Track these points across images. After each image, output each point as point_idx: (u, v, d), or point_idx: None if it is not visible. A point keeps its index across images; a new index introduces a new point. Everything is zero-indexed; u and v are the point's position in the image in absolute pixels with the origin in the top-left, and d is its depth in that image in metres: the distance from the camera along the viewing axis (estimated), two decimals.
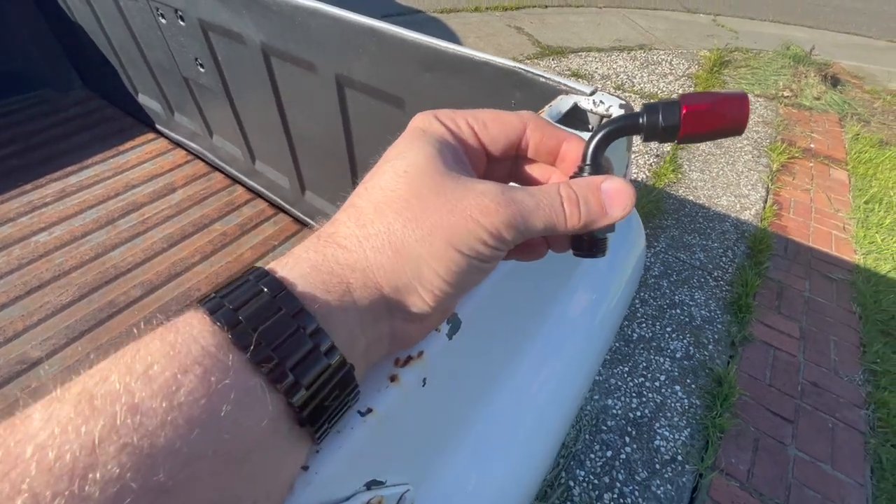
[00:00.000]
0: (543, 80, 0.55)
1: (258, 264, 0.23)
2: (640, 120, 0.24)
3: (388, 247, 0.23)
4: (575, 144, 0.27)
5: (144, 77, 1.39)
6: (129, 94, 1.55)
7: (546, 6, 5.21)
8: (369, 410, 0.25)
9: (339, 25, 0.72)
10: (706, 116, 0.23)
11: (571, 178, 0.26)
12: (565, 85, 0.54)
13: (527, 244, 0.28)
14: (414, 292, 0.23)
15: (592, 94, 0.52)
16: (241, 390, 0.18)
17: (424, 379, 0.28)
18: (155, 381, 0.17)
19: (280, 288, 0.21)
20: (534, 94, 0.57)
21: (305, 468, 0.23)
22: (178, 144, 1.52)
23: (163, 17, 1.08)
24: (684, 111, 0.23)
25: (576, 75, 3.73)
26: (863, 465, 1.53)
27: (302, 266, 0.22)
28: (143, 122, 1.60)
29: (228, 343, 0.19)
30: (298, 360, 0.20)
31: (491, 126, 0.27)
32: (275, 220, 1.29)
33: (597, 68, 3.91)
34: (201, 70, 1.13)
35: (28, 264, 1.12)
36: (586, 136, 0.27)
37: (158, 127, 1.57)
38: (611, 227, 0.25)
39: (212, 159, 1.43)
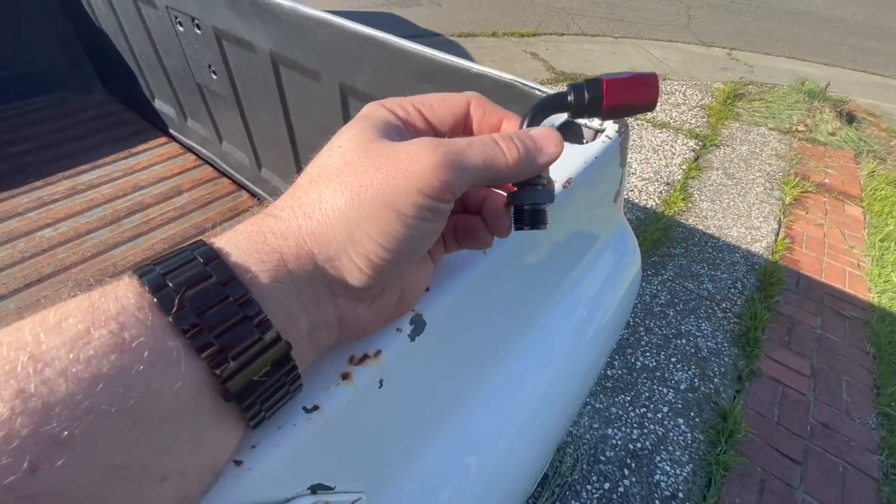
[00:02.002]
0: (540, 92, 0.55)
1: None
2: (569, 97, 0.26)
3: (319, 212, 0.22)
4: (514, 122, 0.28)
5: (161, 82, 1.43)
6: (146, 98, 1.60)
7: (562, 34, 5.32)
8: (315, 408, 0.23)
9: (344, 35, 0.74)
10: (624, 89, 0.25)
11: None
12: None
13: (467, 229, 0.28)
14: (348, 259, 0.22)
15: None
16: (157, 352, 0.18)
17: (381, 381, 0.26)
18: (65, 333, 0.17)
19: (213, 256, 0.20)
20: (530, 107, 0.57)
21: (238, 463, 0.21)
22: (189, 149, 1.56)
23: (180, 24, 1.12)
24: (605, 85, 0.25)
25: None
26: None
27: (238, 237, 0.22)
28: (158, 127, 1.64)
29: (151, 304, 0.19)
30: (225, 328, 0.19)
31: (437, 106, 0.27)
32: None
33: None
34: (214, 77, 1.16)
35: (31, 258, 1.13)
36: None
37: (171, 132, 1.60)
38: (549, 196, 0.26)
39: (220, 165, 1.45)
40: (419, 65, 0.67)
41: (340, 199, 0.22)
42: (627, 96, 0.26)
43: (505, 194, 0.28)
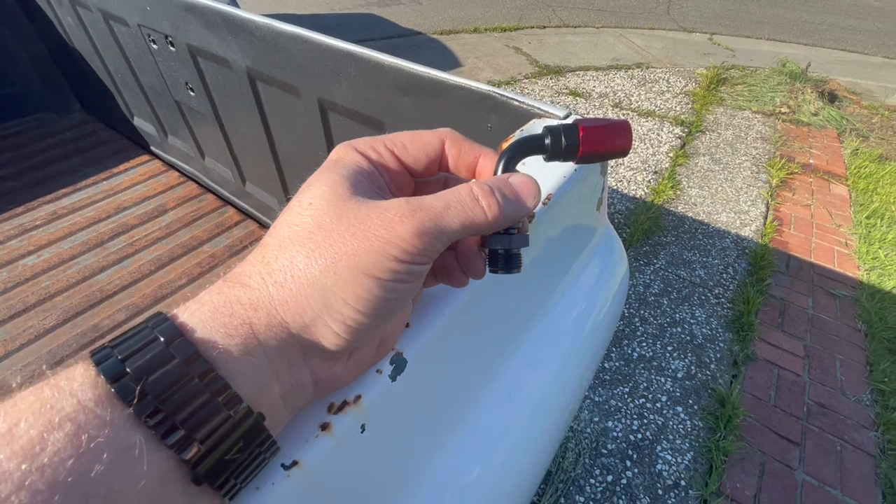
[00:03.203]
0: (517, 103, 0.55)
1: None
2: (546, 141, 0.27)
3: (291, 280, 0.21)
4: (490, 158, 0.27)
5: (139, 100, 1.41)
6: (125, 117, 1.57)
7: (544, 27, 5.31)
8: (294, 463, 0.23)
9: (320, 50, 0.73)
10: (599, 137, 0.26)
11: None
12: (539, 108, 0.53)
13: (442, 268, 0.28)
14: (324, 326, 0.22)
15: (566, 117, 0.52)
16: (118, 448, 0.17)
17: (363, 425, 0.26)
18: (18, 441, 0.16)
19: (176, 334, 0.19)
20: (508, 118, 0.56)
21: None
22: (171, 166, 1.53)
23: (154, 42, 1.10)
24: (581, 132, 0.26)
25: (574, 94, 3.76)
26: (874, 490, 1.46)
27: (203, 310, 0.21)
28: (139, 145, 1.62)
29: (110, 396, 0.18)
30: (191, 411, 0.18)
31: (410, 146, 0.27)
32: None
33: (594, 87, 3.95)
34: (191, 94, 1.14)
35: (14, 288, 1.12)
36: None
37: (153, 149, 1.58)
38: (524, 241, 0.26)
39: (204, 181, 1.43)
40: (397, 78, 0.66)
41: (314, 266, 0.21)
42: (602, 145, 0.26)
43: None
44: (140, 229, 1.30)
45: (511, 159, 0.26)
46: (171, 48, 1.06)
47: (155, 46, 1.11)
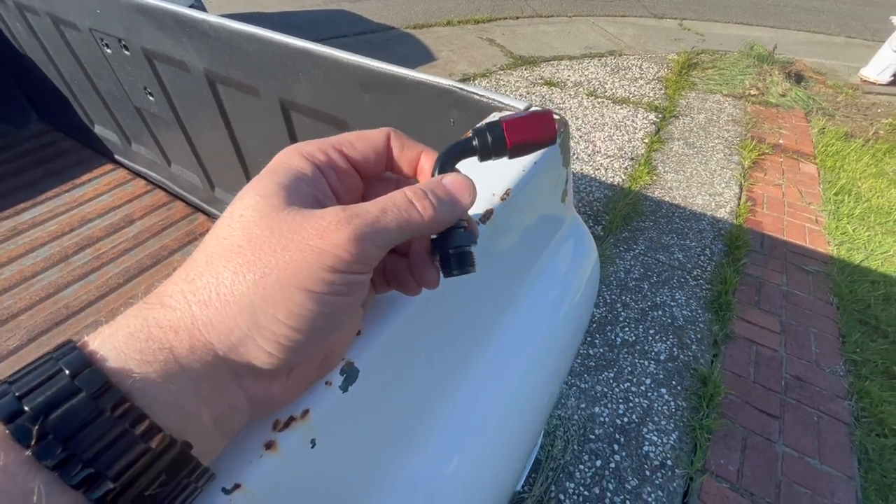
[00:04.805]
0: (478, 97, 0.54)
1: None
2: (473, 142, 0.27)
3: (217, 299, 0.20)
4: (431, 156, 0.28)
5: (98, 107, 1.36)
6: (85, 125, 1.51)
7: (517, 17, 5.30)
8: (237, 486, 0.22)
9: (276, 49, 0.71)
10: (523, 129, 0.27)
11: None
12: (499, 102, 0.52)
13: (395, 277, 0.27)
14: (254, 345, 0.20)
15: (526, 109, 0.51)
16: (13, 497, 0.15)
17: (313, 440, 0.25)
18: None
19: (84, 365, 0.18)
20: (470, 112, 0.55)
21: None
22: (137, 174, 1.49)
23: (107, 46, 1.06)
24: (504, 126, 0.26)
25: (549, 84, 3.77)
26: (850, 458, 1.52)
27: (117, 336, 0.19)
28: (101, 154, 1.56)
29: (4, 439, 0.16)
30: (101, 448, 0.17)
31: (357, 143, 0.27)
32: None
33: (569, 76, 3.96)
34: (151, 99, 1.10)
35: None
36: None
37: (117, 157, 1.53)
38: (472, 238, 0.26)
39: (172, 188, 1.39)
40: (356, 75, 0.64)
41: (241, 282, 0.20)
42: (527, 134, 0.27)
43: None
44: (106, 241, 1.25)
45: (445, 164, 0.27)
46: (126, 52, 1.02)
47: (109, 51, 1.07)
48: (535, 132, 0.27)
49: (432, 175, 0.27)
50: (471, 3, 5.64)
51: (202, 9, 1.11)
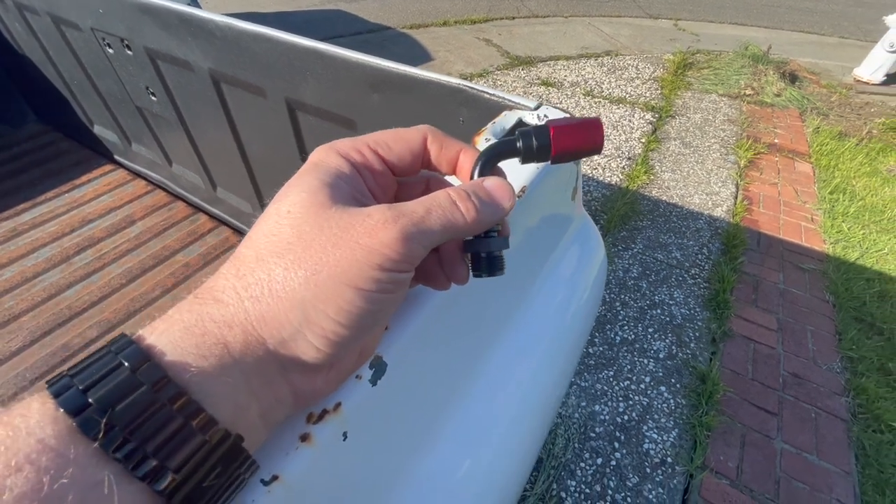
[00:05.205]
0: (488, 96, 0.54)
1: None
2: (518, 144, 0.27)
3: (269, 295, 0.20)
4: (471, 154, 0.27)
5: (98, 108, 1.35)
6: (84, 125, 1.51)
7: (514, 17, 5.32)
8: (274, 478, 0.22)
9: (284, 49, 0.71)
10: (570, 135, 0.26)
11: None
12: (510, 101, 0.53)
13: (425, 273, 0.28)
14: (303, 341, 0.21)
15: (537, 108, 0.52)
16: (85, 488, 0.16)
17: (345, 433, 0.25)
18: None
19: (143, 359, 0.18)
20: (480, 111, 0.56)
21: None
22: (137, 175, 1.48)
23: (109, 46, 1.05)
24: (552, 132, 0.26)
25: (546, 84, 3.79)
26: (847, 453, 1.54)
27: (173, 330, 0.20)
28: (101, 154, 1.55)
29: (72, 432, 0.16)
30: (164, 440, 0.17)
31: (393, 144, 0.26)
32: None
33: (566, 76, 3.98)
34: (153, 99, 1.10)
35: None
36: (482, 146, 0.29)
37: (117, 158, 1.52)
38: (505, 243, 0.26)
39: (173, 188, 1.39)
40: (365, 74, 0.65)
41: (293, 278, 0.20)
42: (574, 142, 0.26)
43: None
44: (108, 242, 1.25)
45: (486, 164, 0.27)
46: (129, 52, 1.02)
47: (111, 51, 1.06)
48: (581, 141, 0.26)
49: (472, 174, 0.27)
50: (467, 3, 5.65)
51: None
